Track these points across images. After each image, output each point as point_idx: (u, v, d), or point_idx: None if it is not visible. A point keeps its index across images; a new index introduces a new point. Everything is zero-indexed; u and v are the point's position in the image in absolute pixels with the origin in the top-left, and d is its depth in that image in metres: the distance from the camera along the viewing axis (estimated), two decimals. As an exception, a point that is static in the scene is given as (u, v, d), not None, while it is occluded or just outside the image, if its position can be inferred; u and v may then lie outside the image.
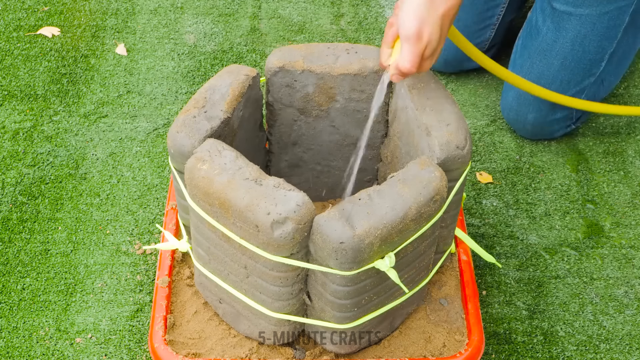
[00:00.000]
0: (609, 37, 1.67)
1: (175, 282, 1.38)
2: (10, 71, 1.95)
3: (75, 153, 1.75)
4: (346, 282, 1.14)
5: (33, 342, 1.43)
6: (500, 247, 1.60)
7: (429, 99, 1.25)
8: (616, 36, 1.67)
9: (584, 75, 1.71)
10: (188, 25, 2.09)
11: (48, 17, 2.10)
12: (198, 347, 1.30)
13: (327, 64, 1.32)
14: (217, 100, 1.24)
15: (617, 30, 1.66)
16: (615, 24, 1.65)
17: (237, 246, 1.16)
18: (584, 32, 1.65)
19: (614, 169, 1.76)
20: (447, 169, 1.20)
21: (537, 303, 1.51)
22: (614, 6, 1.62)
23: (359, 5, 2.16)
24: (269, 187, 1.11)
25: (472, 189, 1.71)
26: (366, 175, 1.49)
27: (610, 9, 1.62)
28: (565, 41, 1.67)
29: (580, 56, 1.68)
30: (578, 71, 1.70)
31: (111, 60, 1.98)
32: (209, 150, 1.17)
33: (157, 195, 1.67)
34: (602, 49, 1.68)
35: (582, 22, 1.65)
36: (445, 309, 1.36)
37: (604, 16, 1.63)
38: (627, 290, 1.54)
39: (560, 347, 1.45)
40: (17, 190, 1.67)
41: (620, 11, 1.63)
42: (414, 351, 1.30)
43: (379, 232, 1.09)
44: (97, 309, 1.48)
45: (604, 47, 1.68)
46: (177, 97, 1.89)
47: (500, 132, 1.84)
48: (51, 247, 1.57)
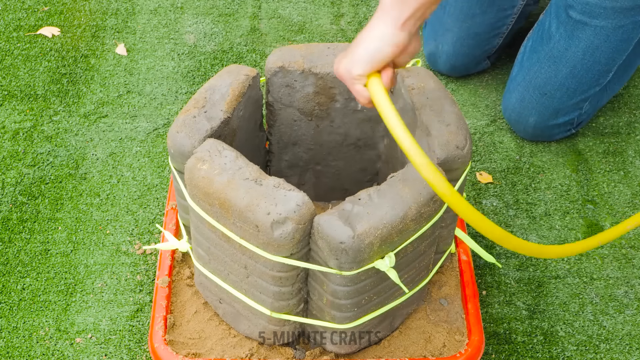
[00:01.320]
0: (620, 50, 1.66)
1: (175, 282, 1.38)
2: (10, 71, 1.95)
3: (75, 153, 1.75)
4: (346, 282, 1.14)
5: (33, 342, 1.43)
6: (500, 247, 1.60)
7: (429, 99, 1.25)
8: (627, 49, 1.67)
9: (590, 84, 1.71)
10: (188, 25, 2.09)
11: (48, 17, 2.10)
12: (198, 347, 1.30)
13: (327, 64, 1.32)
14: (217, 100, 1.24)
15: (630, 44, 1.66)
16: (629, 38, 1.64)
17: (237, 246, 1.16)
18: (597, 44, 1.64)
19: (614, 169, 1.76)
20: (447, 169, 1.20)
21: (537, 303, 1.51)
22: (630, 20, 1.61)
23: (359, 5, 2.16)
24: (269, 187, 1.11)
25: (472, 189, 1.71)
26: (366, 175, 1.49)
27: (626, 23, 1.62)
28: (577, 50, 1.66)
29: (590, 66, 1.68)
30: (586, 80, 1.70)
31: (111, 60, 1.98)
32: (209, 150, 1.17)
33: (157, 195, 1.67)
34: (612, 61, 1.68)
35: (597, 34, 1.64)
36: (445, 309, 1.36)
37: (618, 30, 1.62)
38: (627, 290, 1.54)
39: (560, 347, 1.45)
40: (17, 190, 1.67)
41: (635, 25, 1.62)
42: (414, 351, 1.30)
43: (379, 232, 1.09)
44: (97, 309, 1.48)
45: (615, 59, 1.67)
46: (177, 97, 1.89)
47: (500, 132, 1.84)
48: (51, 247, 1.57)
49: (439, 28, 1.88)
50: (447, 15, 1.86)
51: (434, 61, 1.93)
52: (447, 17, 1.86)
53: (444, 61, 1.90)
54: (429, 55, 1.93)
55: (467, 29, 1.84)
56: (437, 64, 1.93)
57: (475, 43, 1.86)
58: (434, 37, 1.90)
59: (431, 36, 1.91)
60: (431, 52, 1.92)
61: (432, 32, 1.91)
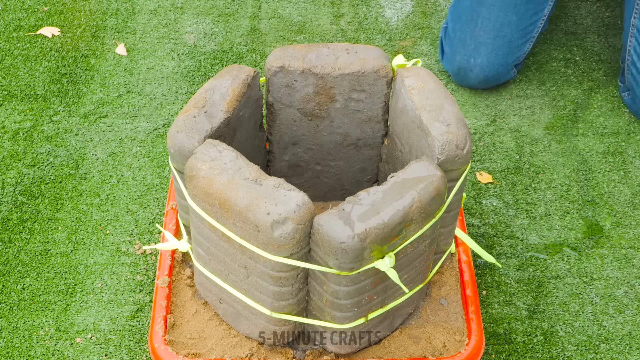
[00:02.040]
0: None
1: (175, 282, 1.38)
2: (10, 71, 1.95)
3: (75, 153, 1.75)
4: (346, 282, 1.14)
5: (33, 342, 1.43)
6: (500, 247, 1.60)
7: (429, 99, 1.25)
8: None
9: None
10: (188, 25, 2.09)
11: (48, 17, 2.10)
12: (198, 347, 1.30)
13: (327, 64, 1.32)
14: (217, 100, 1.24)
15: None
16: None
17: (237, 246, 1.16)
18: None
19: (614, 169, 1.76)
20: (447, 169, 1.20)
21: (537, 303, 1.51)
22: None
23: (359, 5, 2.16)
24: (269, 187, 1.11)
25: (472, 189, 1.71)
26: (366, 175, 1.49)
27: None
28: None
29: None
30: None
31: (111, 60, 1.98)
32: (209, 150, 1.17)
33: (157, 195, 1.67)
34: None
35: None
36: (445, 309, 1.36)
37: None
38: (627, 290, 1.54)
39: (560, 347, 1.45)
40: (17, 190, 1.68)
41: None
42: (414, 351, 1.30)
43: (379, 232, 1.09)
44: (97, 309, 1.48)
45: None
46: (177, 97, 1.89)
47: (500, 132, 1.84)
48: (51, 247, 1.57)
49: (471, 43, 1.86)
50: (479, 29, 1.85)
51: (463, 75, 1.90)
52: (480, 31, 1.85)
53: (476, 74, 1.87)
54: (458, 70, 1.89)
55: (502, 37, 1.84)
56: (468, 78, 1.90)
57: (509, 51, 1.86)
58: (463, 52, 1.87)
59: (459, 52, 1.88)
60: (461, 67, 1.88)
61: (462, 48, 1.88)
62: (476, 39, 1.86)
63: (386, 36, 2.06)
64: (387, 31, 2.08)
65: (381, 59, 1.32)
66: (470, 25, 1.86)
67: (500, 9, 1.83)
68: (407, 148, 1.30)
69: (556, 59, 2.02)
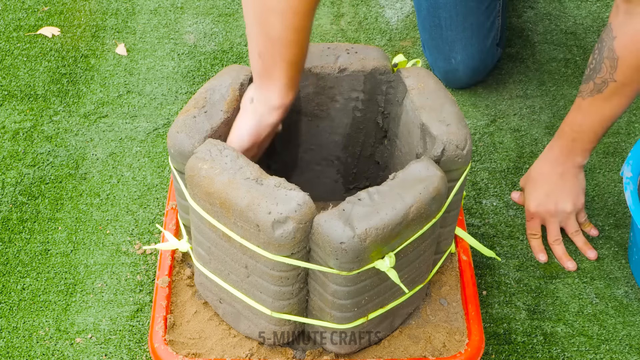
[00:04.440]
0: None
1: (175, 282, 1.38)
2: (10, 71, 1.95)
3: (75, 153, 1.75)
4: (346, 282, 1.14)
5: (33, 342, 1.43)
6: (500, 247, 1.60)
7: (429, 99, 1.25)
8: None
9: None
10: (188, 25, 2.09)
11: (48, 17, 2.10)
12: (198, 347, 1.30)
13: (327, 64, 1.32)
14: (217, 100, 1.24)
15: None
16: None
17: (237, 246, 1.16)
18: None
19: (614, 169, 1.76)
20: (447, 169, 1.20)
21: (537, 303, 1.51)
22: None
23: (359, 5, 2.16)
24: (270, 187, 1.11)
25: (472, 189, 1.71)
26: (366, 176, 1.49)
27: None
28: None
29: None
30: None
31: (111, 60, 1.98)
32: (209, 150, 1.17)
33: (157, 195, 1.67)
34: None
35: None
36: (445, 309, 1.36)
37: None
38: (627, 290, 1.54)
39: (560, 347, 1.45)
40: (17, 190, 1.68)
41: None
42: (414, 351, 1.30)
43: (379, 232, 1.09)
44: (97, 309, 1.48)
45: None
46: (177, 97, 1.89)
47: (500, 132, 1.84)
48: (51, 247, 1.57)
49: (444, 46, 1.85)
50: (445, 30, 1.84)
51: (452, 78, 1.89)
52: (448, 32, 1.84)
53: (463, 71, 1.86)
54: (446, 75, 1.88)
55: (469, 27, 1.83)
56: (458, 79, 1.89)
57: (482, 36, 1.84)
58: (442, 57, 1.87)
59: (439, 58, 1.88)
60: (447, 71, 1.88)
61: (439, 54, 1.87)
62: (447, 40, 1.85)
63: (386, 36, 2.07)
64: (387, 31, 2.08)
65: (381, 59, 1.32)
66: (436, 30, 1.86)
67: (455, 2, 1.82)
68: (407, 148, 1.30)
69: (556, 59, 2.02)
